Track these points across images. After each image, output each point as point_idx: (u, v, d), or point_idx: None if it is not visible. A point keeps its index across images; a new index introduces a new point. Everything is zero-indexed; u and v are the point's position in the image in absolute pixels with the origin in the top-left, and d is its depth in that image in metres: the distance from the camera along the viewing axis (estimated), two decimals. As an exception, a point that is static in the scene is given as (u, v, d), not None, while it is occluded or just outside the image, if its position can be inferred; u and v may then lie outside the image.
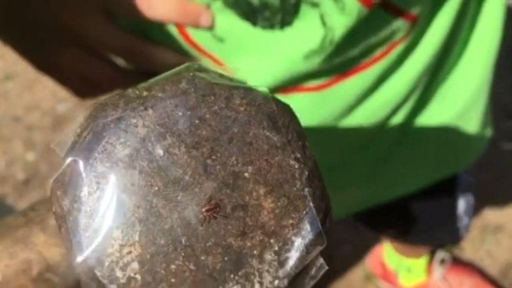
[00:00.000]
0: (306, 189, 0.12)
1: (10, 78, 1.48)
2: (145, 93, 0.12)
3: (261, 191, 0.12)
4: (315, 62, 0.37)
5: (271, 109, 0.12)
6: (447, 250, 1.10)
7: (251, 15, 0.36)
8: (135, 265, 0.12)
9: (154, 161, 0.12)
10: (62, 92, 1.44)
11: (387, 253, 0.98)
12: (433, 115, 0.48)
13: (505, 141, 1.23)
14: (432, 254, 0.99)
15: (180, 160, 0.12)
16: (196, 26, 0.36)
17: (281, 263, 0.12)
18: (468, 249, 1.11)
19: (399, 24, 0.38)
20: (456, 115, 0.48)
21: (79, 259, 0.12)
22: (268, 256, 0.12)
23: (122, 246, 0.12)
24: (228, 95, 0.12)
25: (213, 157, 0.12)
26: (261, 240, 0.12)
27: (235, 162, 0.12)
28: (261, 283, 0.12)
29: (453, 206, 0.65)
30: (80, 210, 0.12)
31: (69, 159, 0.12)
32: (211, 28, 0.36)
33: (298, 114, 0.40)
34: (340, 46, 0.37)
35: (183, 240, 0.12)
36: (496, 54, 0.47)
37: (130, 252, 0.12)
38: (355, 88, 0.41)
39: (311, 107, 0.41)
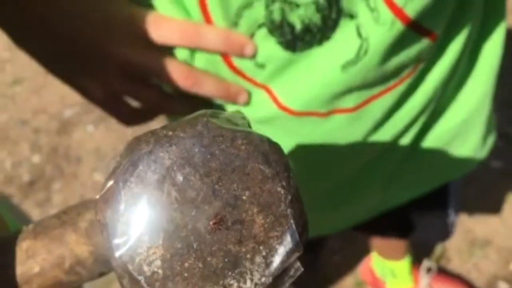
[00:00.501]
0: (288, 210, 0.16)
1: (18, 83, 1.51)
2: (170, 133, 0.16)
3: (255, 210, 0.16)
4: (352, 74, 0.39)
5: (265, 148, 0.16)
6: (434, 260, 1.13)
7: (292, 42, 0.37)
8: (158, 263, 0.16)
9: (175, 185, 0.16)
10: (68, 97, 1.47)
11: (374, 260, 1.02)
12: (442, 124, 0.50)
13: (493, 159, 1.26)
14: (415, 260, 1.02)
15: (195, 185, 0.16)
16: (240, 55, 0.38)
17: (267, 265, 0.16)
18: (456, 261, 1.14)
19: (425, 44, 0.40)
20: (462, 122, 0.50)
21: (117, 256, 0.16)
22: (258, 259, 0.16)
23: (149, 248, 0.16)
24: (233, 137, 0.16)
25: (220, 183, 0.16)
26: (253, 247, 0.16)
27: (236, 188, 0.16)
28: (251, 279, 0.16)
29: (445, 205, 0.68)
30: (118, 220, 0.16)
31: (111, 181, 0.16)
32: (253, 56, 0.38)
33: (335, 134, 0.42)
34: (374, 60, 0.38)
35: (194, 245, 0.16)
36: (499, 63, 0.49)
37: (154, 253, 0.16)
38: (383, 107, 0.43)
39: (346, 128, 0.43)
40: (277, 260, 0.16)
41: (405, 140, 0.48)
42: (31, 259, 0.21)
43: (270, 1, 0.36)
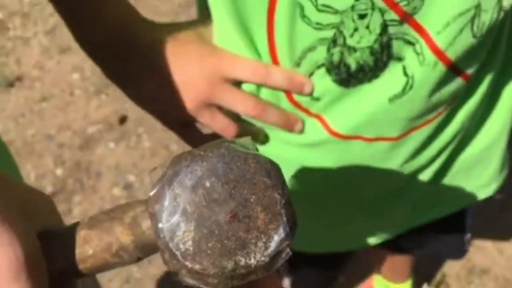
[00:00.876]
0: (282, 210, 0.23)
1: (46, 99, 1.60)
2: (202, 153, 0.24)
3: (259, 209, 0.23)
4: (398, 105, 0.44)
5: (267, 166, 0.24)
6: (434, 286, 1.18)
7: (346, 80, 0.43)
8: (190, 242, 0.23)
9: (204, 189, 0.23)
10: (92, 116, 1.56)
11: (376, 282, 1.07)
12: (466, 151, 0.55)
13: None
14: (415, 284, 1.06)
15: (217, 190, 0.23)
16: (300, 93, 0.44)
17: (266, 248, 0.23)
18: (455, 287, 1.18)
19: (460, 83, 0.45)
20: (484, 149, 0.55)
21: (161, 237, 0.23)
22: (260, 244, 0.23)
23: (184, 232, 0.23)
24: (245, 157, 0.23)
25: (235, 189, 0.23)
26: (256, 235, 0.23)
27: (246, 193, 0.23)
28: (254, 258, 0.23)
29: (463, 227, 0.72)
30: (163, 212, 0.23)
31: (160, 185, 0.23)
32: (311, 94, 0.44)
33: (377, 158, 0.48)
34: (417, 95, 0.43)
35: (215, 232, 0.23)
36: None
37: (187, 235, 0.23)
38: (422, 137, 0.48)
39: (387, 154, 0.48)
40: (273, 246, 0.23)
41: (435, 166, 0.53)
42: (87, 244, 0.28)
43: (332, 46, 0.41)
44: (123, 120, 1.54)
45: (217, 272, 0.23)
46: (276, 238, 0.23)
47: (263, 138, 0.48)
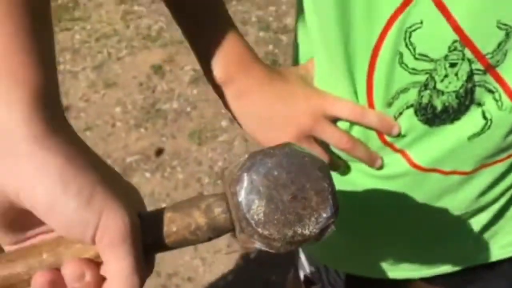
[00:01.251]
0: (329, 196, 0.32)
1: (89, 129, 1.71)
2: (271, 151, 0.32)
3: (312, 193, 0.31)
4: (476, 143, 0.49)
5: (319, 163, 0.32)
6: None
7: (431, 120, 0.48)
8: (262, 214, 0.31)
9: (273, 177, 0.31)
10: (131, 147, 1.66)
11: None
12: None
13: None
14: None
15: (282, 177, 0.32)
16: (389, 134, 0.50)
17: (317, 223, 0.31)
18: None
19: None
20: None
21: (240, 209, 0.31)
22: (312, 219, 0.31)
23: (257, 206, 0.31)
24: (303, 155, 0.32)
25: (295, 177, 0.31)
26: (310, 212, 0.31)
27: (303, 181, 0.31)
28: (308, 229, 0.31)
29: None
30: (242, 192, 0.32)
31: (239, 172, 0.32)
32: (398, 135, 0.50)
33: (450, 190, 0.55)
34: (494, 135, 0.48)
35: (280, 207, 0.31)
36: None
37: (260, 209, 0.31)
38: (493, 174, 0.53)
39: (461, 186, 0.53)
40: (322, 221, 0.31)
41: (501, 201, 0.58)
42: (172, 223, 0.35)
43: (423, 89, 0.47)
44: (159, 152, 1.64)
45: (280, 237, 0.31)
46: (325, 215, 0.31)
47: (345, 168, 0.56)
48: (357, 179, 0.56)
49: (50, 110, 0.32)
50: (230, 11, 0.52)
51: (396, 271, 0.65)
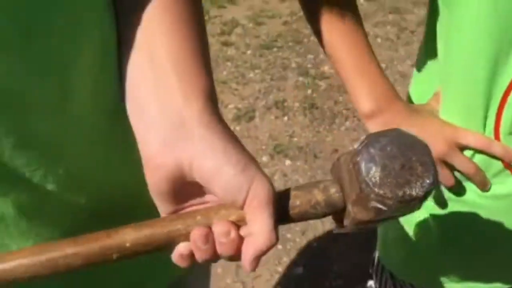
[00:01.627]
0: (431, 167, 0.40)
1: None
2: (385, 133, 0.42)
3: (418, 164, 0.40)
4: None
5: (422, 142, 0.42)
6: None
7: None
8: (378, 178, 0.40)
9: (386, 151, 0.41)
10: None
11: None
12: None
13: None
14: None
15: (394, 151, 0.40)
16: (510, 162, 0.62)
17: (422, 187, 0.40)
18: None
19: None
20: None
21: (361, 174, 0.40)
22: (418, 183, 0.40)
23: (375, 171, 0.40)
24: (410, 136, 0.41)
25: (406, 152, 0.41)
26: (416, 178, 0.40)
27: (412, 154, 0.41)
28: (415, 191, 0.40)
29: None
30: (364, 160, 0.41)
31: (359, 147, 0.41)
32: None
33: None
34: None
35: (392, 174, 0.40)
36: None
37: (377, 174, 0.40)
38: None
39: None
40: (426, 186, 0.40)
41: None
42: (296, 198, 0.41)
43: None
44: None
45: (392, 196, 0.40)
46: (428, 181, 0.40)
47: (460, 189, 0.66)
48: (472, 198, 0.66)
49: (214, 105, 0.42)
50: (271, 57, 0.64)
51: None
